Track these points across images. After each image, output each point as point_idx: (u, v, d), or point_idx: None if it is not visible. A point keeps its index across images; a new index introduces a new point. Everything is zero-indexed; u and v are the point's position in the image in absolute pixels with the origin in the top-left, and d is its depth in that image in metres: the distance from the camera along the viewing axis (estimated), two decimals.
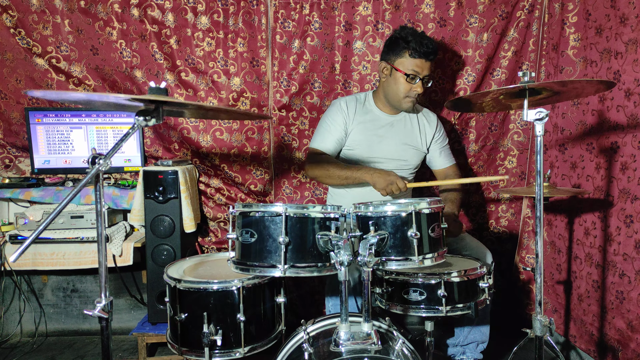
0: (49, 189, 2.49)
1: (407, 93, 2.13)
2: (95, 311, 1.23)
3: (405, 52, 2.08)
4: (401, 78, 2.11)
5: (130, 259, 2.38)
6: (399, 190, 1.96)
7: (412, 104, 2.18)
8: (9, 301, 2.75)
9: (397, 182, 1.95)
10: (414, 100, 2.17)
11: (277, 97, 2.55)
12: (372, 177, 2.01)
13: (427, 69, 2.10)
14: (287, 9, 2.46)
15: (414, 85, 2.11)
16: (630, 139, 1.85)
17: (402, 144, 2.28)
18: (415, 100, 2.17)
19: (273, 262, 1.41)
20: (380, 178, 1.99)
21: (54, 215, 1.09)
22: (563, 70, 2.27)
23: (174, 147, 2.60)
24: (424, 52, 2.06)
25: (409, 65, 2.08)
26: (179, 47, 2.48)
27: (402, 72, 2.10)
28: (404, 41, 2.08)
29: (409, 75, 2.09)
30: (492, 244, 2.73)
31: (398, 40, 2.10)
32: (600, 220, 2.02)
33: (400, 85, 2.12)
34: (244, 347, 1.54)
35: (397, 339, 1.46)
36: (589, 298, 2.12)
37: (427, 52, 2.06)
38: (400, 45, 2.09)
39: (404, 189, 1.96)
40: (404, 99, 2.16)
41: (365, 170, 2.05)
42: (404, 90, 2.13)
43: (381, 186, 1.98)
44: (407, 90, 2.12)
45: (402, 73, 2.10)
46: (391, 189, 1.95)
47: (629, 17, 1.85)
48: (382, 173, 2.01)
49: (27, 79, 2.49)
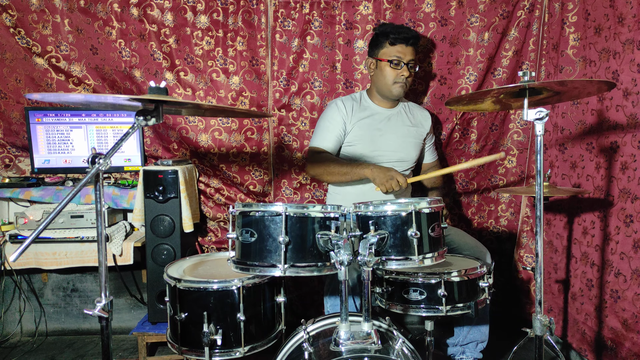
0: (49, 189, 2.49)
1: (394, 79, 2.20)
2: (95, 311, 1.23)
3: (386, 42, 2.19)
4: (386, 66, 2.19)
5: (131, 259, 2.38)
6: (399, 186, 1.97)
7: (401, 88, 2.24)
8: (9, 301, 2.75)
9: (397, 177, 1.97)
10: (403, 85, 2.23)
11: (277, 96, 2.55)
12: (372, 172, 2.03)
13: (409, 53, 2.19)
14: (287, 8, 2.46)
15: (400, 70, 2.19)
16: (629, 139, 1.85)
17: (402, 135, 2.31)
18: (404, 84, 2.22)
19: (273, 262, 1.41)
20: (380, 173, 2.00)
21: (54, 214, 1.09)
22: (563, 69, 2.27)
23: (173, 146, 2.60)
24: (403, 37, 2.16)
25: (390, 52, 2.19)
26: (178, 47, 2.47)
27: (385, 60, 2.19)
28: (382, 34, 2.20)
29: (392, 62, 2.18)
30: (491, 243, 2.73)
31: (378, 35, 2.24)
32: (599, 219, 2.02)
33: (387, 72, 2.20)
34: (244, 346, 1.54)
35: (397, 338, 1.46)
36: (582, 297, 2.12)
37: (406, 37, 2.16)
38: (379, 38, 2.22)
39: (404, 184, 1.97)
40: (393, 85, 2.22)
41: (365, 166, 2.07)
42: (391, 76, 2.20)
43: (381, 181, 1.99)
44: (394, 76, 2.20)
45: (386, 61, 2.18)
46: (391, 184, 1.97)
47: (626, 17, 1.85)
48: (382, 169, 2.03)
49: (26, 79, 2.48)
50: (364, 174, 2.05)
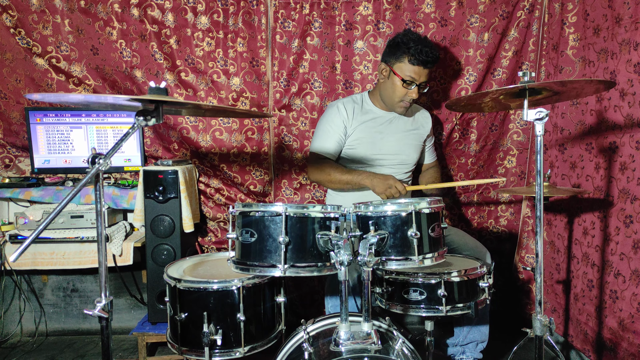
0: (49, 189, 2.49)
1: (402, 97, 2.16)
2: (95, 311, 1.23)
3: (405, 58, 2.09)
4: (398, 82, 2.13)
5: (130, 259, 2.38)
6: (399, 194, 2.00)
7: (405, 109, 2.22)
8: (9, 301, 2.75)
9: (396, 185, 2.00)
10: (407, 106, 2.20)
11: (277, 97, 2.56)
12: (371, 181, 2.06)
13: (424, 75, 2.13)
14: (287, 9, 2.46)
15: (410, 90, 2.13)
16: (628, 139, 1.85)
17: (403, 138, 2.31)
18: (408, 105, 2.21)
19: (273, 262, 1.41)
20: (380, 182, 2.03)
21: (54, 214, 1.10)
22: (563, 70, 2.27)
23: (174, 147, 2.60)
24: (423, 60, 2.07)
25: (406, 70, 2.10)
26: (179, 47, 2.48)
27: (399, 77, 2.12)
28: (405, 46, 2.08)
29: (405, 81, 2.11)
30: (491, 243, 2.73)
31: (399, 45, 2.11)
32: (599, 220, 2.02)
33: (397, 89, 2.15)
34: (244, 346, 1.54)
35: (397, 338, 1.46)
36: (584, 297, 2.12)
37: (426, 61, 2.08)
38: (401, 49, 2.10)
39: (403, 191, 2.01)
40: (397, 103, 2.19)
41: (366, 175, 2.09)
42: (399, 94, 2.15)
43: (380, 190, 2.03)
44: (403, 94, 2.15)
45: (400, 78, 2.12)
46: (390, 192, 2.01)
47: (623, 18, 1.85)
48: (381, 177, 2.05)
49: (27, 79, 2.49)
50: (364, 183, 2.09)
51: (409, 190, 2.12)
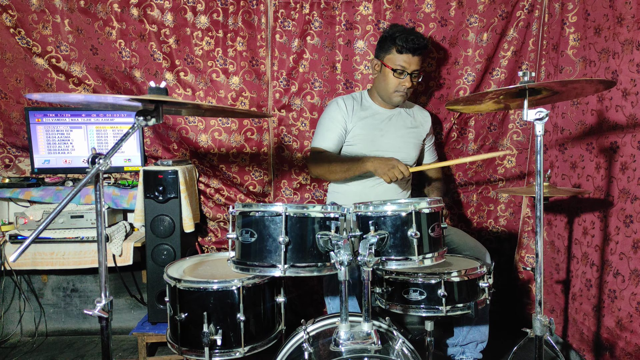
0: (49, 189, 2.49)
1: (395, 88, 2.19)
2: (95, 311, 1.23)
3: (393, 48, 2.15)
4: (389, 73, 2.17)
5: (130, 259, 2.38)
6: (402, 175, 1.95)
7: (402, 98, 2.23)
8: (9, 301, 2.75)
9: (399, 166, 1.96)
10: (403, 95, 2.22)
11: (277, 96, 2.55)
12: (373, 164, 2.02)
13: (414, 63, 2.15)
14: (287, 8, 2.46)
15: (402, 80, 2.16)
16: (629, 139, 1.85)
17: (402, 136, 2.31)
18: (405, 94, 2.22)
19: (273, 262, 1.41)
20: (382, 164, 1.99)
21: (54, 214, 1.09)
22: (563, 70, 2.27)
23: (173, 147, 2.60)
24: (410, 47, 2.11)
25: (396, 60, 2.15)
26: (178, 47, 2.48)
27: (390, 68, 2.16)
28: (391, 38, 2.15)
29: (396, 71, 2.15)
30: (490, 243, 2.73)
31: (386, 38, 2.18)
32: (599, 220, 2.02)
33: (389, 80, 2.18)
34: (244, 346, 1.54)
35: (397, 338, 1.46)
36: (582, 297, 2.12)
37: (414, 48, 2.11)
38: (388, 41, 2.17)
39: (406, 173, 1.96)
40: (393, 94, 2.21)
41: (367, 159, 2.06)
42: (392, 85, 2.18)
43: (383, 171, 1.98)
44: (396, 85, 2.18)
45: (390, 69, 2.16)
46: (393, 173, 1.95)
47: (626, 17, 1.85)
48: (383, 159, 2.02)
49: (27, 79, 2.48)
50: (366, 168, 2.04)
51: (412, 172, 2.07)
